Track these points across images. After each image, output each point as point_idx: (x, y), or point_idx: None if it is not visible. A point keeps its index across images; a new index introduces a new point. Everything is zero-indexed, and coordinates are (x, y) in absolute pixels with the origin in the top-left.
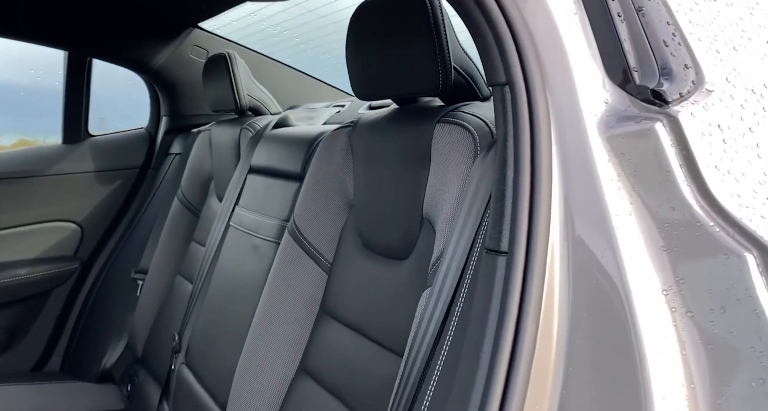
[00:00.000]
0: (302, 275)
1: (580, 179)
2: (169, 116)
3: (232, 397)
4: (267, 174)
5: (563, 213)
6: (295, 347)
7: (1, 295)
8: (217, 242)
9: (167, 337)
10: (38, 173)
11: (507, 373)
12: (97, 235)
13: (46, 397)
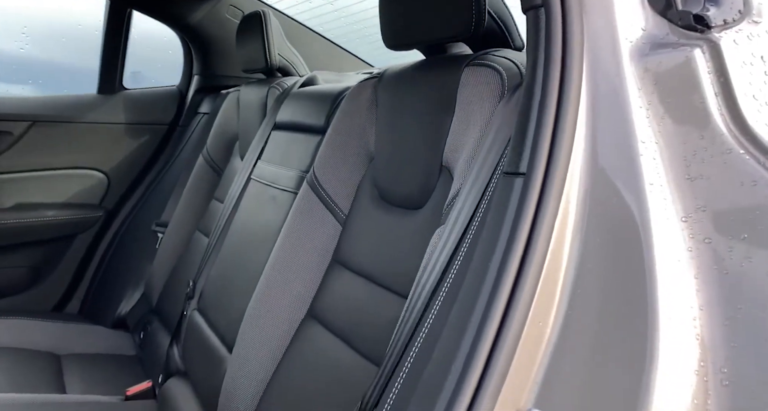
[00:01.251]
0: (317, 225)
1: (608, 105)
2: (200, 75)
3: (239, 338)
4: (291, 129)
5: (588, 138)
6: (305, 293)
7: (28, 233)
8: (236, 196)
9: (181, 289)
10: (72, 119)
11: (512, 289)
12: (122, 186)
13: (62, 336)
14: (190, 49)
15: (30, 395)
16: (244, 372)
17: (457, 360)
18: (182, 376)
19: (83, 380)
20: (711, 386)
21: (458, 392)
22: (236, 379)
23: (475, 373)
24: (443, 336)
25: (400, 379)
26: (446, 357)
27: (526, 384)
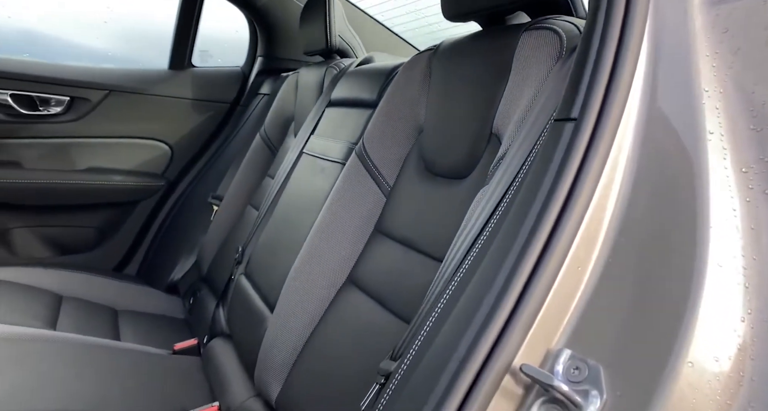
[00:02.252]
0: (362, 194)
1: (671, 53)
2: (263, 57)
3: (281, 299)
4: (344, 105)
5: (647, 84)
6: (345, 259)
7: (97, 195)
8: (288, 169)
9: (231, 258)
10: (143, 91)
11: (551, 231)
12: (184, 159)
13: (121, 294)
14: (256, 31)
15: (91, 338)
16: (284, 330)
17: (489, 296)
18: (226, 337)
19: (136, 333)
20: (757, 333)
21: (487, 324)
22: (275, 337)
23: (507, 306)
24: (475, 279)
25: (429, 323)
26: (478, 294)
27: (560, 325)
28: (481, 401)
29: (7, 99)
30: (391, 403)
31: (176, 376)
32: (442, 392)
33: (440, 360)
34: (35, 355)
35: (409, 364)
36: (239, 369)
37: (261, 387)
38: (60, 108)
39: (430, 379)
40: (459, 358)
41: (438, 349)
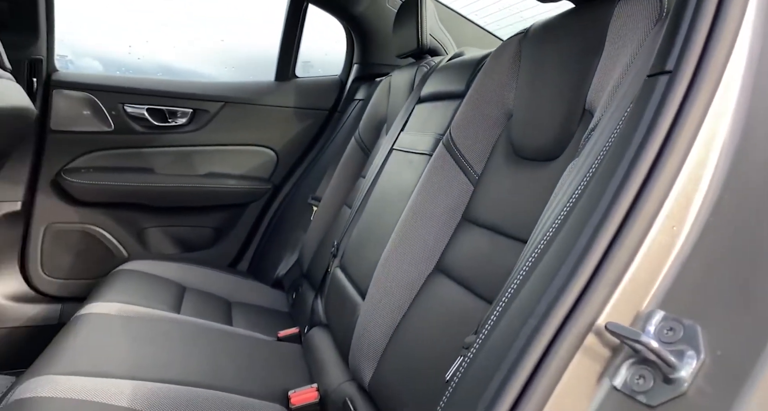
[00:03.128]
0: (450, 184)
1: None
2: (359, 64)
3: (371, 286)
4: (433, 99)
5: (755, 33)
6: (433, 248)
7: (214, 198)
8: (379, 165)
9: (327, 254)
10: (253, 102)
11: (640, 188)
12: (288, 164)
13: (234, 287)
14: (353, 40)
15: (208, 322)
16: (374, 317)
17: (572, 254)
18: (324, 326)
19: (246, 321)
20: None
21: (569, 282)
22: (367, 324)
23: (590, 263)
24: (558, 239)
25: (510, 291)
26: (560, 253)
27: (651, 286)
28: (560, 360)
29: (144, 113)
30: (469, 368)
31: (280, 360)
32: (518, 351)
33: (519, 320)
34: (163, 333)
35: (489, 328)
36: (335, 355)
37: (355, 371)
38: (185, 119)
39: (508, 339)
40: (538, 315)
41: (516, 311)
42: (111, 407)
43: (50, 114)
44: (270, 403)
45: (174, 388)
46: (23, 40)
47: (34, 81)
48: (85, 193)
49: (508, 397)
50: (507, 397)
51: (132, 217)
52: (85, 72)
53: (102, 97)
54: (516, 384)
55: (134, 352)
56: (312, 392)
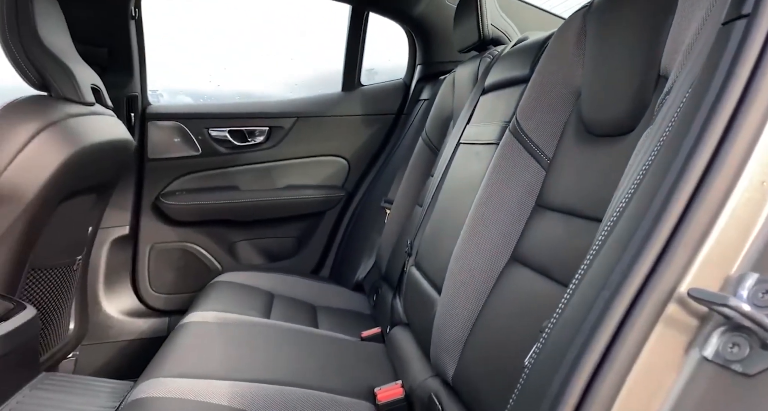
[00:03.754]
0: (520, 171)
1: None
2: (422, 64)
3: (446, 280)
4: (497, 88)
5: None
6: (507, 238)
7: (294, 208)
8: (446, 162)
9: (403, 254)
10: (323, 114)
11: (717, 145)
12: (359, 170)
13: (318, 293)
14: (414, 42)
15: (295, 325)
16: (451, 311)
17: (646, 218)
18: (404, 325)
19: (331, 323)
20: None
21: (643, 248)
22: (444, 318)
23: (666, 226)
24: (630, 207)
25: (582, 269)
26: (633, 219)
27: (742, 247)
28: (639, 333)
29: (226, 135)
30: (542, 350)
31: (364, 359)
32: (591, 326)
33: (591, 294)
34: (255, 337)
35: (562, 307)
36: (418, 352)
37: (438, 366)
38: (262, 137)
39: (581, 315)
40: (611, 286)
41: (588, 285)
42: (211, 405)
43: (147, 144)
44: (357, 400)
45: (267, 387)
46: (120, 80)
47: (132, 116)
48: (180, 213)
49: (583, 375)
50: (581, 375)
51: (222, 232)
52: (173, 103)
53: (189, 124)
54: (590, 360)
55: (230, 355)
56: (397, 388)
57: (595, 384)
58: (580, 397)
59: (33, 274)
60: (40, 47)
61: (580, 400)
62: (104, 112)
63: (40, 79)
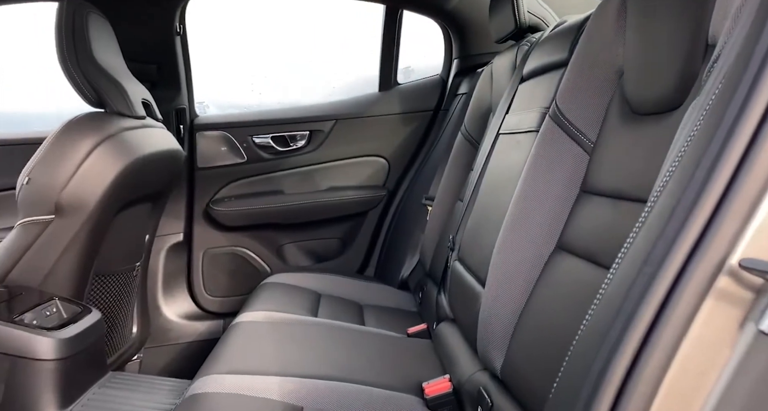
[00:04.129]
0: (562, 157)
1: None
2: (459, 58)
3: (490, 272)
4: (536, 75)
5: None
6: (552, 226)
7: (336, 210)
8: (486, 154)
9: (446, 250)
10: (361, 115)
11: (762, 116)
12: (399, 169)
13: (364, 291)
14: (450, 37)
15: (343, 323)
16: (496, 303)
17: (689, 190)
18: (450, 320)
19: (377, 321)
20: None
21: (688, 220)
22: (490, 311)
23: (712, 195)
24: (672, 181)
25: (625, 249)
26: (675, 194)
27: None
28: (686, 308)
29: (269, 141)
30: (584, 332)
31: (411, 354)
32: (634, 303)
33: (633, 271)
34: (303, 335)
35: (604, 288)
36: (465, 346)
37: (485, 360)
38: (303, 141)
39: (622, 293)
40: (654, 261)
41: (630, 262)
42: (266, 400)
43: (196, 154)
44: (406, 395)
45: (318, 383)
46: (169, 94)
47: (181, 127)
48: (229, 219)
49: (625, 354)
50: (624, 355)
51: (270, 236)
52: (219, 114)
53: (234, 132)
54: (633, 339)
55: (281, 352)
56: (445, 383)
57: (640, 364)
58: (624, 377)
59: (97, 281)
60: (95, 67)
61: (623, 381)
62: (155, 125)
63: (96, 97)
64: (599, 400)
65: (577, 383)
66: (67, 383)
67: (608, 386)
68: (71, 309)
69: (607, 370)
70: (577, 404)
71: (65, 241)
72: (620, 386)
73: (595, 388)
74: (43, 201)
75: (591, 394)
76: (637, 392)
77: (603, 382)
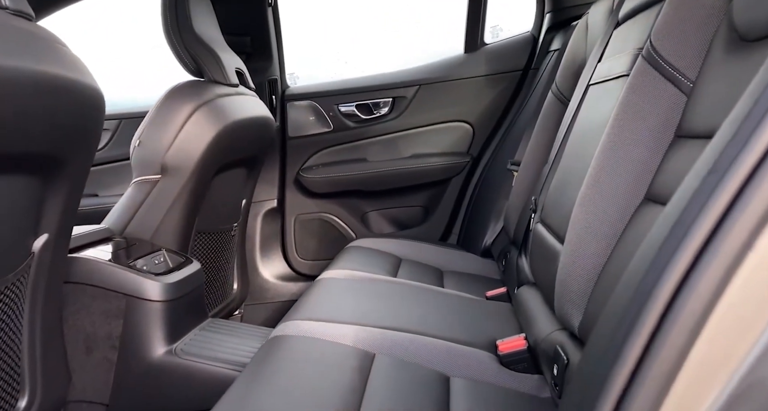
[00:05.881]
0: (655, 100)
1: None
2: (552, 12)
3: (569, 228)
4: (631, 16)
5: None
6: (641, 175)
7: (419, 177)
8: (574, 108)
9: (529, 212)
10: (445, 79)
11: None
12: (484, 134)
13: (445, 258)
14: None
15: (421, 283)
16: (576, 259)
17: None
18: (531, 284)
19: (458, 284)
20: None
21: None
22: (568, 268)
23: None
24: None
25: None
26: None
27: None
28: (712, 279)
29: (353, 109)
30: (627, 273)
31: (488, 315)
32: (679, 239)
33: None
34: (381, 292)
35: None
36: (544, 307)
37: (563, 319)
38: (386, 108)
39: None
40: (719, 169)
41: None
42: (336, 345)
43: (287, 124)
44: (477, 350)
45: (390, 333)
46: (262, 66)
47: (273, 98)
48: (317, 186)
49: (660, 299)
50: (657, 301)
51: (355, 203)
52: (307, 84)
53: (321, 102)
54: (670, 280)
55: (357, 305)
56: (520, 341)
57: (674, 309)
58: (657, 323)
59: (199, 237)
60: (195, 39)
61: (655, 328)
62: (247, 93)
63: (195, 66)
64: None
65: (614, 327)
66: (172, 323)
67: (638, 338)
68: (176, 259)
69: (639, 318)
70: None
71: (170, 199)
72: (651, 335)
73: (627, 334)
74: (151, 162)
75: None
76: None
77: (636, 325)
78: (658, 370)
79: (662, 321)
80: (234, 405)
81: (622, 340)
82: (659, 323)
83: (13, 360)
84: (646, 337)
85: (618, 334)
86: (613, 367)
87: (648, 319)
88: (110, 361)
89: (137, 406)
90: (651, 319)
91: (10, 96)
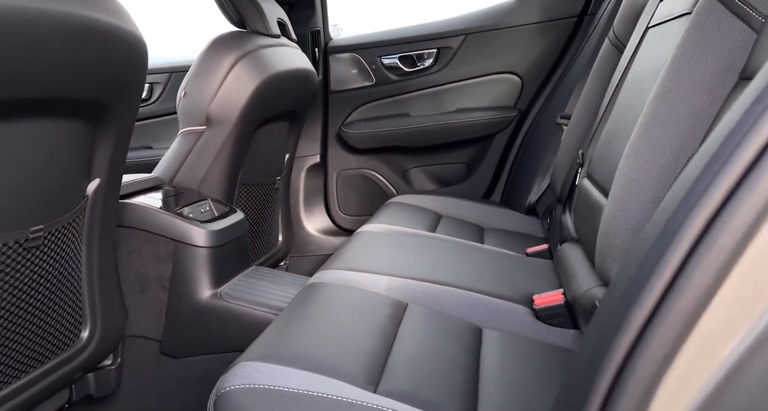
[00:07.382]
0: (720, 39)
1: None
2: None
3: (614, 183)
4: None
5: None
6: (696, 124)
7: (463, 132)
8: (629, 55)
9: (576, 166)
10: (493, 27)
11: None
12: (534, 87)
13: (487, 215)
14: None
15: (462, 240)
16: (620, 212)
17: None
18: (574, 241)
19: (498, 242)
20: None
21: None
22: (611, 221)
23: None
24: None
25: None
26: None
27: None
28: (747, 214)
29: (396, 61)
30: (648, 227)
31: (527, 271)
32: (699, 195)
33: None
34: (418, 245)
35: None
36: (585, 264)
37: (603, 274)
38: (430, 60)
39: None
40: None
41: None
42: (370, 293)
43: (330, 78)
44: (513, 304)
45: (424, 284)
46: (305, 16)
47: (316, 50)
48: (359, 142)
49: (675, 256)
50: (672, 258)
51: (396, 159)
52: (350, 36)
53: (364, 54)
54: (687, 236)
55: (393, 257)
56: (558, 296)
57: (701, 247)
58: (681, 262)
59: (244, 189)
60: None
61: (679, 267)
62: (289, 44)
63: (237, 17)
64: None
65: (628, 288)
66: (217, 268)
67: (651, 295)
68: (221, 208)
69: (652, 275)
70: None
71: (215, 150)
72: (664, 290)
73: (637, 291)
74: (196, 112)
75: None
76: None
77: (651, 280)
78: (680, 310)
79: (687, 260)
80: (268, 345)
81: (644, 280)
82: (684, 262)
83: (75, 294)
84: (669, 277)
85: (641, 274)
86: (631, 309)
87: (672, 259)
88: (162, 301)
89: (186, 343)
90: (675, 259)
91: (58, 41)
